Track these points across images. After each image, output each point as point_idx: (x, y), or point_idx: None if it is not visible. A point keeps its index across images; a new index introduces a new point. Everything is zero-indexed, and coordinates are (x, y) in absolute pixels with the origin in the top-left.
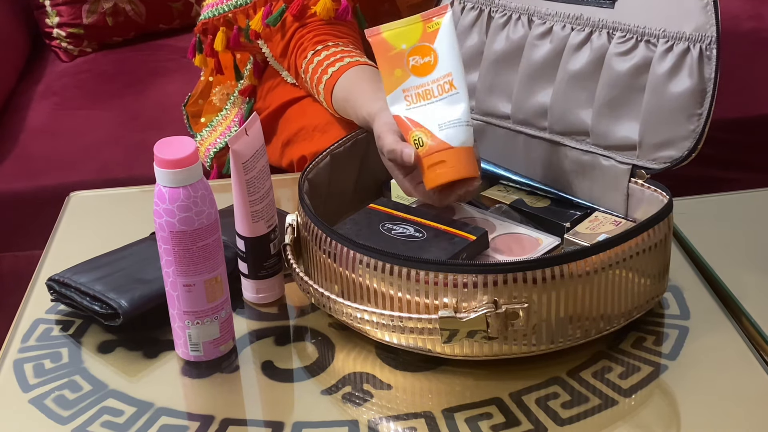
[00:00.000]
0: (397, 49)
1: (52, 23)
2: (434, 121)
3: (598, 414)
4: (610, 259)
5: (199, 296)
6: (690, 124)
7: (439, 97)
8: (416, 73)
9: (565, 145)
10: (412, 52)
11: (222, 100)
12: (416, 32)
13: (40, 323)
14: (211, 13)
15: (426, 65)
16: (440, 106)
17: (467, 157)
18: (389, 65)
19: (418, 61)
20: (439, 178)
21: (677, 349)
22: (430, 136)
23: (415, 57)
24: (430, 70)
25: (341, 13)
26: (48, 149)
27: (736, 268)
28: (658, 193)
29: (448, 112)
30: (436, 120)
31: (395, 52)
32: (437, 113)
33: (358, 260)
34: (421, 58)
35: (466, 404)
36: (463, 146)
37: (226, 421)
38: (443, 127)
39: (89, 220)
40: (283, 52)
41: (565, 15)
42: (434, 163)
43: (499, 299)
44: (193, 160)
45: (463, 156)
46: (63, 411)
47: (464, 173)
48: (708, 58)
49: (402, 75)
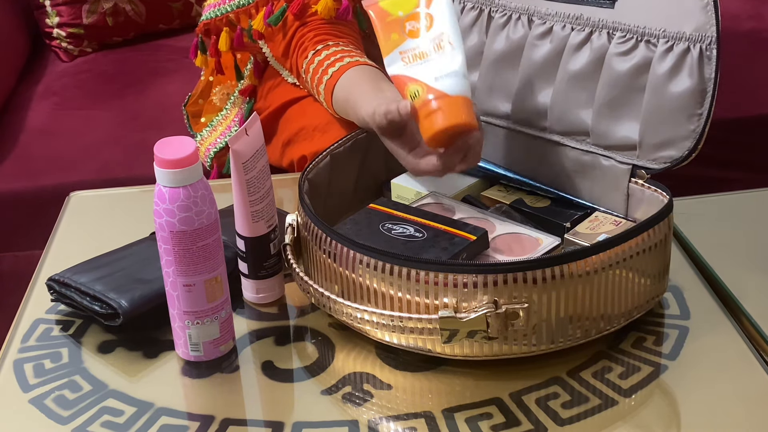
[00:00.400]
0: (393, 16)
1: (52, 23)
2: (431, 74)
3: (598, 414)
4: (610, 259)
5: (199, 296)
6: (690, 124)
7: (435, 57)
8: (412, 36)
9: (565, 145)
10: (408, 18)
11: (222, 100)
12: (413, 1)
13: (40, 323)
14: (213, 13)
15: (421, 29)
16: (436, 61)
17: (464, 106)
18: (386, 30)
19: (414, 25)
20: (435, 125)
21: (677, 349)
22: (426, 87)
23: (411, 22)
24: (426, 32)
25: (342, 13)
26: (48, 149)
27: (736, 268)
28: (658, 193)
29: (444, 65)
30: (432, 73)
31: (392, 18)
32: (434, 68)
33: (358, 260)
34: (416, 22)
35: (466, 404)
36: (460, 95)
37: (226, 421)
38: (439, 78)
39: (89, 220)
40: (285, 51)
41: (565, 15)
42: (430, 111)
43: (499, 299)
44: (193, 160)
45: (459, 104)
46: (63, 411)
47: (460, 120)
48: (708, 58)
49: (398, 39)
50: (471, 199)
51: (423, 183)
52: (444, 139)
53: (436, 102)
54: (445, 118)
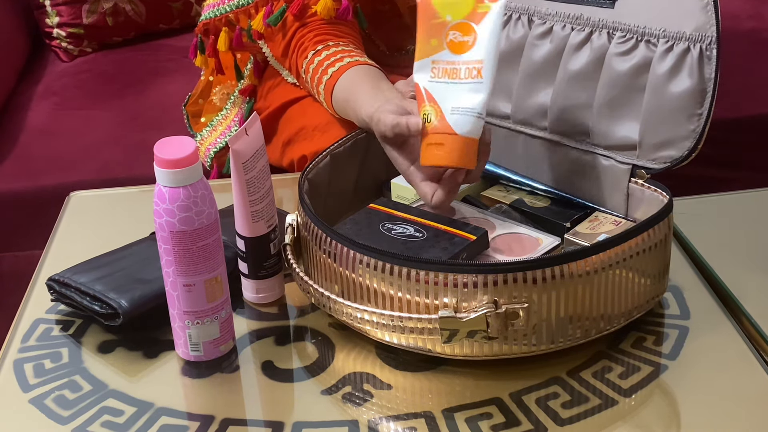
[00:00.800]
0: (440, 19)
1: (52, 23)
2: (449, 103)
3: (598, 414)
4: (610, 259)
5: (199, 296)
6: (690, 124)
7: (463, 81)
8: (451, 48)
9: (565, 145)
10: (454, 27)
11: (222, 100)
12: (466, 8)
13: (40, 323)
14: (212, 13)
15: (463, 44)
16: (461, 89)
17: (466, 148)
18: (427, 32)
19: (458, 37)
20: (432, 159)
21: (677, 349)
22: (439, 115)
23: (456, 32)
24: (465, 50)
25: (342, 13)
26: (48, 149)
27: (736, 268)
28: (658, 193)
29: (465, 98)
30: (450, 102)
31: (438, 21)
32: (455, 95)
33: (358, 260)
34: (461, 35)
35: (466, 404)
36: (467, 136)
37: (226, 421)
38: (454, 112)
39: (89, 220)
40: (285, 51)
41: (565, 15)
42: (433, 143)
43: (499, 299)
44: (193, 160)
45: (461, 145)
46: (63, 411)
47: (456, 162)
48: (708, 58)
49: (437, 46)
50: (471, 199)
51: None
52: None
53: (442, 137)
54: (444, 157)
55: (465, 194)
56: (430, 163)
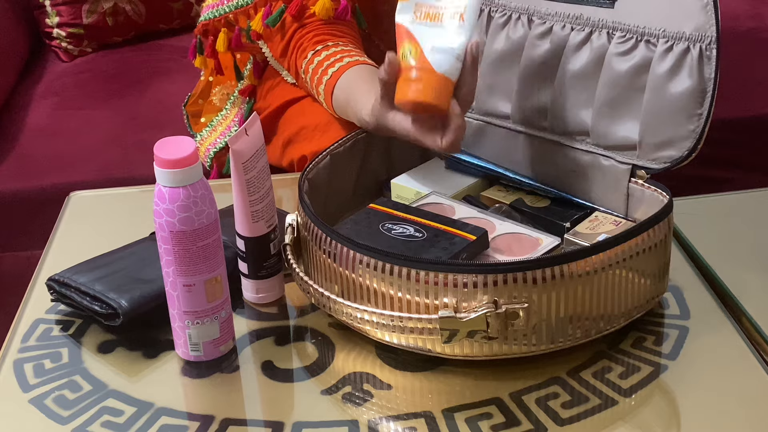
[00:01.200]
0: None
1: (52, 23)
2: (429, 42)
3: (598, 414)
4: (610, 259)
5: (199, 296)
6: (690, 124)
7: (444, 25)
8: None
9: (565, 145)
10: None
11: (222, 100)
12: None
13: (40, 323)
14: (211, 14)
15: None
16: (442, 31)
17: (443, 86)
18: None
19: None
20: (408, 95)
21: (677, 349)
22: (419, 53)
23: None
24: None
25: (340, 13)
26: (48, 149)
27: (736, 268)
28: (658, 193)
29: (446, 39)
30: (431, 41)
31: None
32: (436, 37)
33: (358, 260)
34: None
35: (466, 404)
36: (445, 75)
37: (226, 421)
38: (435, 50)
39: (89, 220)
40: (283, 52)
41: (565, 15)
42: (410, 78)
43: (499, 299)
44: (193, 160)
45: (438, 83)
46: (63, 411)
47: (432, 98)
48: (708, 58)
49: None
50: (471, 199)
51: (423, 183)
52: (411, 109)
53: (420, 72)
54: (418, 92)
55: (465, 194)
56: (405, 98)
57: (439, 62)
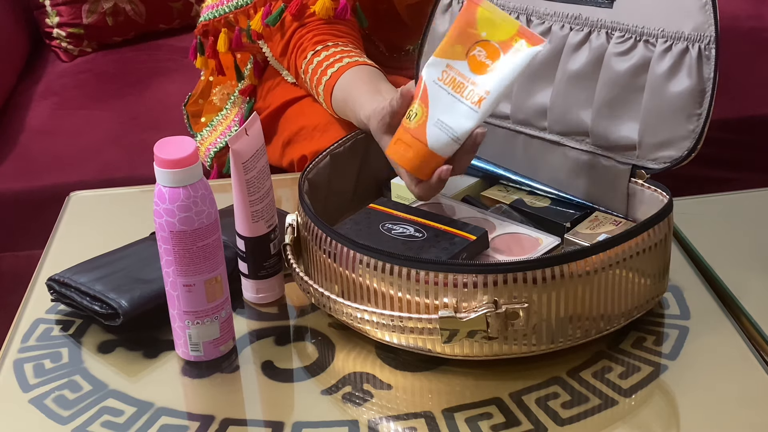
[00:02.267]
0: (475, 30)
1: (52, 23)
2: (437, 113)
3: (598, 414)
4: (610, 259)
5: (199, 296)
6: (689, 124)
7: (462, 99)
8: (470, 63)
9: (564, 145)
10: (484, 44)
11: (222, 100)
12: (502, 34)
13: (40, 323)
14: (211, 14)
15: (482, 65)
16: (456, 106)
17: (428, 161)
18: (457, 36)
19: (481, 55)
20: (395, 155)
21: (677, 349)
22: (422, 120)
23: (482, 50)
24: (479, 72)
25: (340, 12)
26: (48, 149)
27: (736, 268)
28: (658, 193)
29: (453, 117)
30: (439, 113)
31: (472, 31)
32: (447, 109)
33: (358, 260)
34: (486, 56)
35: (466, 404)
36: (435, 152)
37: (226, 421)
38: (437, 125)
39: (89, 220)
40: (283, 51)
41: (564, 15)
42: (404, 141)
43: (499, 299)
44: (193, 160)
45: (425, 158)
46: (63, 411)
47: (413, 170)
48: (707, 57)
49: (459, 52)
50: (471, 199)
51: None
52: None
53: (413, 141)
54: (405, 160)
55: (465, 194)
56: (392, 155)
57: (435, 138)
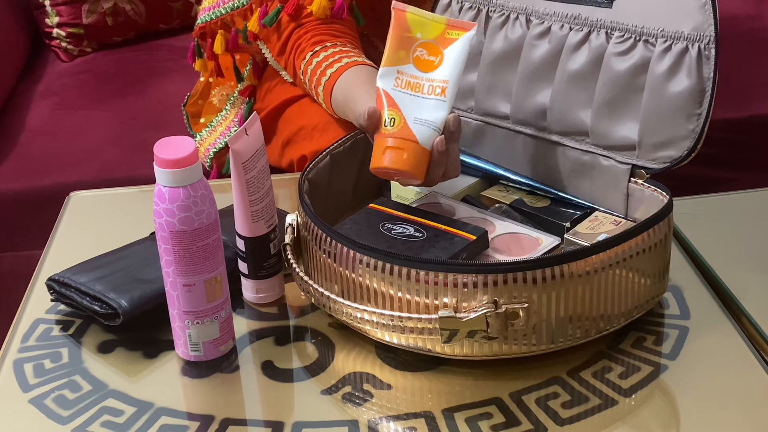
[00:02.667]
0: (411, 33)
1: (52, 23)
2: (412, 112)
3: (598, 414)
4: (610, 259)
5: (199, 296)
6: (689, 123)
7: (426, 96)
8: (416, 64)
9: (564, 145)
10: (422, 44)
11: (222, 101)
12: (436, 30)
13: (40, 323)
14: (208, 16)
15: (428, 63)
16: (424, 103)
17: (423, 158)
18: (397, 42)
19: (424, 55)
20: (390, 163)
21: (677, 349)
22: (402, 122)
23: (423, 50)
24: (430, 69)
25: (336, 12)
26: (48, 149)
27: (736, 268)
28: (658, 193)
29: (428, 112)
30: (414, 112)
31: (408, 35)
32: (418, 107)
33: (358, 260)
34: (428, 54)
35: (466, 404)
36: (425, 147)
37: (226, 421)
38: (417, 122)
39: (89, 220)
40: (281, 51)
41: (563, 15)
42: (394, 146)
43: (499, 299)
44: (193, 160)
45: (420, 154)
46: (63, 411)
47: (413, 169)
48: (707, 57)
49: (404, 57)
50: (471, 199)
51: None
52: (384, 175)
53: (403, 142)
54: (404, 162)
55: (465, 194)
56: (387, 164)
57: (422, 135)
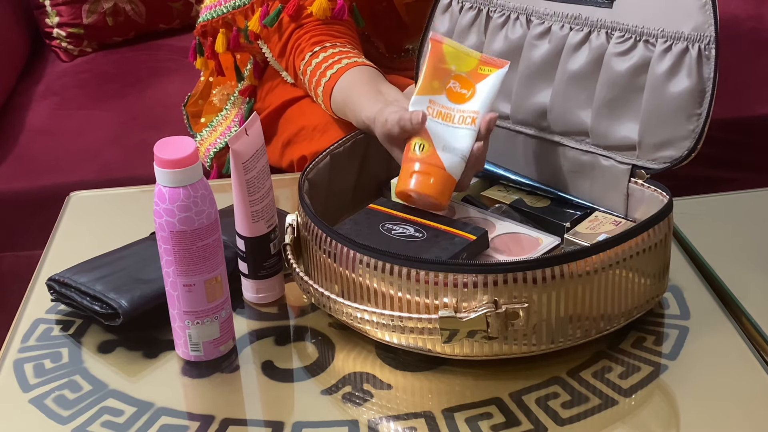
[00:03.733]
0: (446, 65)
1: (52, 23)
2: (440, 141)
3: (598, 414)
4: (610, 259)
5: (199, 296)
6: (689, 124)
7: (456, 125)
8: (449, 96)
9: (564, 145)
10: (456, 77)
11: (222, 101)
12: (470, 65)
13: (40, 323)
14: (209, 15)
15: (461, 95)
16: (453, 132)
17: (449, 186)
18: (432, 73)
19: (457, 87)
20: (416, 186)
21: (677, 349)
22: (431, 149)
23: (456, 83)
24: (461, 101)
25: (337, 13)
26: (48, 149)
27: (736, 268)
28: (658, 193)
29: (456, 141)
30: (442, 140)
31: (443, 66)
32: (447, 136)
33: (358, 260)
34: (460, 87)
35: (466, 404)
36: (452, 175)
37: (226, 421)
38: (446, 150)
39: (89, 220)
40: (281, 52)
41: (564, 15)
42: (422, 171)
43: (499, 299)
44: (193, 160)
45: (447, 183)
46: (63, 411)
47: (438, 195)
48: (707, 57)
49: (437, 88)
50: (471, 199)
51: None
52: (409, 200)
53: (431, 168)
54: (429, 186)
55: (465, 194)
56: (414, 188)
57: (449, 161)
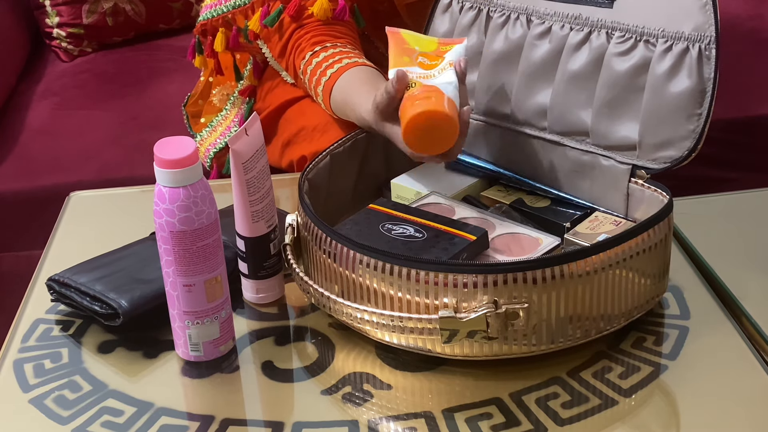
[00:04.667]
0: (409, 46)
1: (52, 23)
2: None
3: (598, 414)
4: (610, 259)
5: (199, 296)
6: (690, 124)
7: (437, 74)
8: (422, 66)
9: (565, 145)
10: (422, 54)
11: (222, 101)
12: (430, 46)
13: (40, 323)
14: (209, 14)
15: (432, 65)
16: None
17: (452, 107)
18: (399, 52)
19: (426, 61)
20: (418, 107)
21: (677, 349)
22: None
23: (425, 59)
24: (434, 66)
25: (338, 13)
26: (48, 149)
27: (736, 268)
28: (658, 193)
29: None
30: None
31: (407, 47)
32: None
33: (358, 260)
34: (429, 60)
35: (466, 404)
36: (451, 97)
37: (226, 421)
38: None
39: (89, 220)
40: (282, 52)
41: (564, 15)
42: (420, 98)
43: (499, 299)
44: (193, 160)
45: (450, 103)
46: (63, 411)
47: (447, 111)
48: (707, 57)
49: (408, 62)
50: (471, 199)
51: (423, 183)
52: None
53: (429, 91)
54: (429, 104)
55: (465, 194)
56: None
57: (443, 87)
